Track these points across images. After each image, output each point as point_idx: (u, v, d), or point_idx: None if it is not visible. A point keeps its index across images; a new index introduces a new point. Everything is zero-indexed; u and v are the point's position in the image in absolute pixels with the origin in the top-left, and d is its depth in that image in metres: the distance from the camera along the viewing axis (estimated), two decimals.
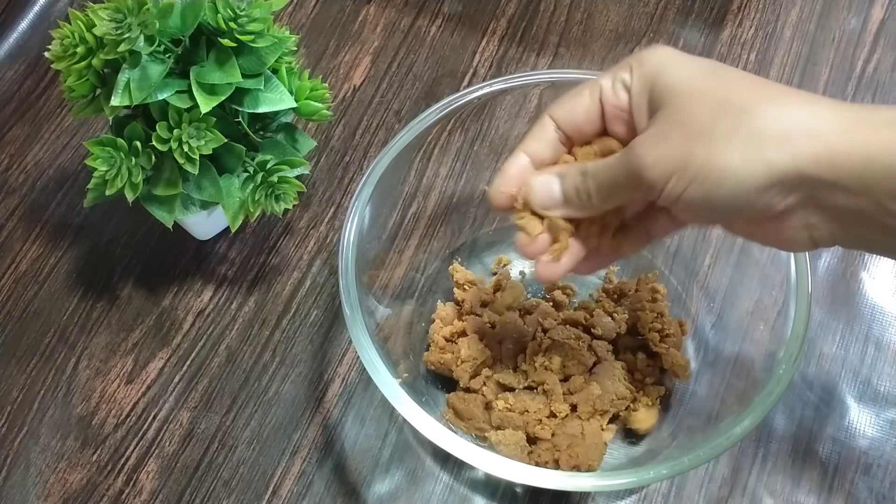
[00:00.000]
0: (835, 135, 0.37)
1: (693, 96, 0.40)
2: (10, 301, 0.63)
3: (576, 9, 0.75)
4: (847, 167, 0.36)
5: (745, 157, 0.37)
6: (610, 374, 0.56)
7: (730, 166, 0.38)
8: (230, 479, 0.57)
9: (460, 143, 0.63)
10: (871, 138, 0.36)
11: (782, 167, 0.37)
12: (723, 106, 0.39)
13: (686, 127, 0.39)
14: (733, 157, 0.37)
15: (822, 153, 0.37)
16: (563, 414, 0.55)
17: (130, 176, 0.53)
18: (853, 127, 0.37)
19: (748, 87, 0.39)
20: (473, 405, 0.55)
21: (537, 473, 0.47)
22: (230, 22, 0.51)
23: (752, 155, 0.37)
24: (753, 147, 0.37)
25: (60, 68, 0.51)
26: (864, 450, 0.57)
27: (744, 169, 0.37)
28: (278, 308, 0.63)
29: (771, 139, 0.37)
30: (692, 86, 0.40)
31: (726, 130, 0.38)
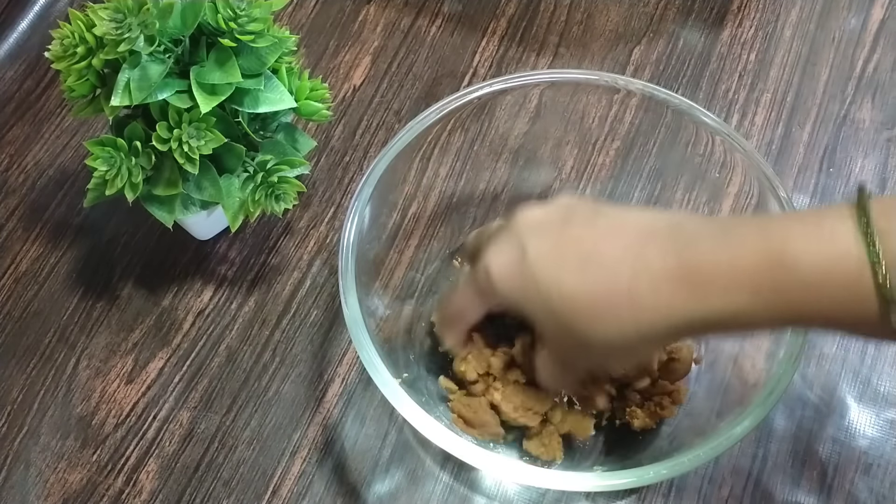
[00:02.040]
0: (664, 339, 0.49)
1: (557, 336, 0.47)
2: (10, 301, 0.63)
3: (576, 9, 0.75)
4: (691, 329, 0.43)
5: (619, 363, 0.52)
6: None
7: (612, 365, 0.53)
8: (230, 479, 0.57)
9: (460, 143, 0.63)
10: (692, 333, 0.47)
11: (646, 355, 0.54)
12: (583, 348, 0.46)
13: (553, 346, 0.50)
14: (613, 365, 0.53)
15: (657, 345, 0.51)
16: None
17: (130, 176, 0.53)
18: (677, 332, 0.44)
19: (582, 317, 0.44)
20: (482, 411, 0.55)
21: (537, 473, 0.47)
22: (230, 22, 0.51)
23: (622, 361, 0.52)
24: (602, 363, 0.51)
25: (60, 68, 0.51)
26: (864, 450, 0.57)
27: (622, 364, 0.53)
28: (278, 308, 0.63)
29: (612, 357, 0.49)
30: (552, 330, 0.47)
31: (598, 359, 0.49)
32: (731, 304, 0.40)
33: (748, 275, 0.39)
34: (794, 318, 0.40)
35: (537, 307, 0.45)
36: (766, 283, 0.39)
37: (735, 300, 0.39)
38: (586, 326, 0.43)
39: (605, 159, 0.66)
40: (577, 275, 0.43)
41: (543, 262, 0.45)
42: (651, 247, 0.42)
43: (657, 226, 0.43)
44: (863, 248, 0.36)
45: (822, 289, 0.38)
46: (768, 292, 0.39)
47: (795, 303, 0.38)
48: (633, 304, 0.42)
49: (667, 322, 0.41)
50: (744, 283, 0.39)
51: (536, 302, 0.45)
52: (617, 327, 0.43)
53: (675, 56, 0.72)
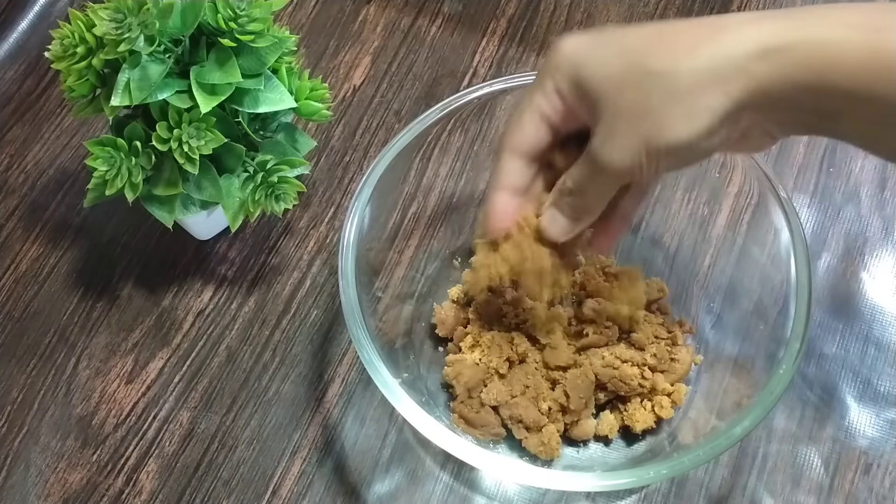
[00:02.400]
0: (761, 58, 0.39)
1: (618, 85, 0.42)
2: (10, 301, 0.63)
3: (576, 9, 0.75)
4: (776, 91, 0.39)
5: (688, 116, 0.40)
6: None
7: (681, 131, 0.41)
8: (230, 479, 0.57)
9: (460, 143, 0.63)
10: (795, 54, 0.39)
11: (721, 109, 0.40)
12: (647, 81, 0.41)
13: (626, 115, 0.42)
14: (679, 122, 0.41)
15: (753, 80, 0.39)
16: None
17: (130, 176, 0.53)
18: (777, 45, 0.39)
19: (657, 47, 0.42)
20: (484, 411, 0.55)
21: (537, 473, 0.47)
22: (230, 22, 0.51)
23: (690, 114, 0.40)
24: (688, 106, 0.40)
25: (60, 68, 0.51)
26: (864, 450, 0.57)
27: (692, 126, 0.40)
28: (278, 308, 0.63)
29: (700, 91, 0.40)
30: (612, 74, 0.42)
31: (661, 103, 0.41)
32: (827, 32, 0.38)
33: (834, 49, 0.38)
34: (885, 82, 0.38)
35: (608, 60, 0.42)
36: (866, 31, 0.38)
37: (830, 32, 0.38)
38: (670, 56, 0.41)
39: None
40: (658, 24, 0.43)
41: (621, 28, 0.43)
42: (734, 20, 0.41)
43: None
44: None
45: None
46: (870, 35, 0.38)
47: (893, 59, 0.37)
48: (721, 25, 0.41)
49: (753, 43, 0.39)
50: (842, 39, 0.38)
51: (608, 53, 0.42)
52: (691, 52, 0.40)
53: None
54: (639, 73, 0.41)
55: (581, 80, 0.43)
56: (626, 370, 0.55)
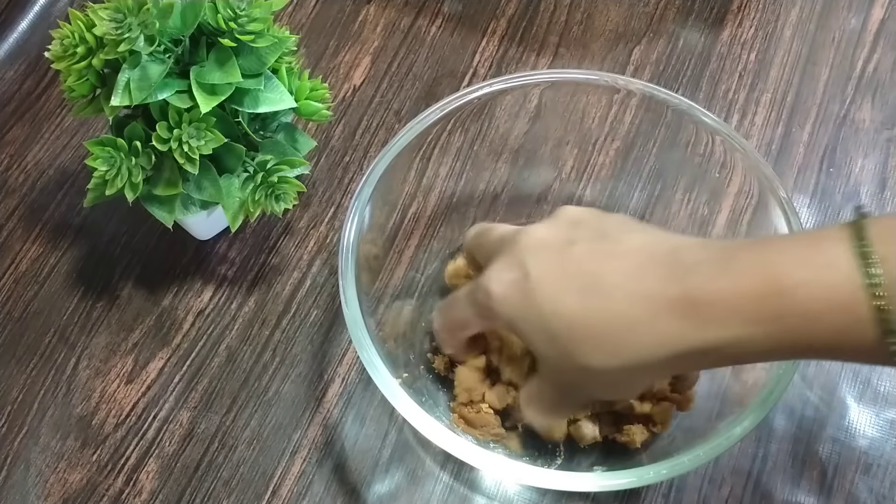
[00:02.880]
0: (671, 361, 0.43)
1: (556, 364, 0.45)
2: (10, 301, 0.63)
3: (576, 9, 0.75)
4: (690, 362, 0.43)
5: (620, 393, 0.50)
6: None
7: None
8: (230, 479, 0.57)
9: (460, 143, 0.63)
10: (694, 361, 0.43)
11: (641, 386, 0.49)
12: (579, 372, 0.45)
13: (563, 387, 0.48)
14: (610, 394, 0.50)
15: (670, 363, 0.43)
16: None
17: (130, 176, 0.53)
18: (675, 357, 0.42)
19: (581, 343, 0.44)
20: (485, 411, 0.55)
21: (537, 473, 0.47)
22: (230, 22, 0.51)
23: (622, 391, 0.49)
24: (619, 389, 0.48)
25: (60, 68, 0.51)
26: (864, 450, 0.57)
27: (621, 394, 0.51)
28: (278, 308, 0.63)
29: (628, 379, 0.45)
30: (546, 354, 0.45)
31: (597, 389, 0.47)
32: (730, 334, 0.39)
33: (748, 303, 0.39)
34: (795, 347, 0.39)
35: (536, 331, 0.45)
36: (766, 311, 0.38)
37: (735, 330, 0.39)
38: (586, 352, 0.43)
39: (605, 159, 0.66)
40: (577, 300, 0.43)
41: (545, 285, 0.44)
42: (651, 273, 0.42)
43: (658, 250, 0.43)
44: (860, 274, 0.36)
45: (822, 316, 0.37)
46: (768, 322, 0.38)
47: (795, 331, 0.38)
48: (633, 331, 0.42)
49: (666, 350, 0.41)
50: (744, 313, 0.39)
51: (536, 325, 0.44)
52: (616, 354, 0.42)
53: (675, 56, 0.72)
54: (572, 362, 0.44)
55: (516, 331, 0.47)
56: None
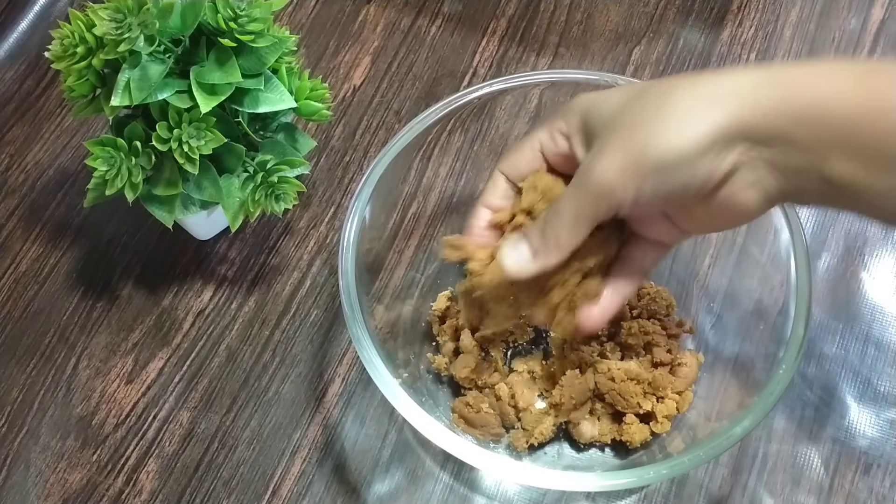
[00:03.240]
0: (756, 86, 0.39)
1: (620, 112, 0.42)
2: (10, 301, 0.63)
3: (576, 9, 0.75)
4: (773, 112, 0.39)
5: (678, 127, 0.40)
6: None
7: (668, 140, 0.40)
8: (230, 479, 0.57)
9: (460, 143, 0.63)
10: (789, 84, 0.39)
11: (713, 123, 0.39)
12: (645, 101, 0.41)
13: (620, 132, 0.41)
14: (668, 131, 0.40)
15: (747, 103, 0.39)
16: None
17: (130, 176, 0.53)
18: (772, 79, 0.39)
19: (665, 81, 0.42)
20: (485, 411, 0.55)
21: (537, 473, 0.47)
22: (230, 22, 0.51)
23: (682, 122, 0.40)
24: (681, 115, 0.40)
25: (60, 68, 0.51)
26: (864, 450, 0.57)
27: (680, 137, 0.39)
28: (278, 308, 0.63)
29: (696, 104, 0.40)
30: (617, 107, 0.43)
31: (653, 114, 0.40)
32: (820, 70, 0.39)
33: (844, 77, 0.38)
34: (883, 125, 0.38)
35: (616, 96, 0.43)
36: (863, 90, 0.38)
37: (825, 71, 0.38)
38: (672, 80, 0.41)
39: None
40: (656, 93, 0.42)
41: (621, 90, 0.43)
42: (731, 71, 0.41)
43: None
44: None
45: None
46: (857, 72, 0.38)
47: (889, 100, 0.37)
48: (717, 71, 0.41)
49: (755, 75, 0.40)
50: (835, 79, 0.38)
51: (617, 92, 0.43)
52: (702, 76, 0.40)
53: (675, 56, 0.72)
54: (638, 97, 0.42)
55: (589, 118, 0.44)
56: (627, 387, 0.54)
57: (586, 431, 0.55)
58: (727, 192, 0.41)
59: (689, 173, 0.40)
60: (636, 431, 0.55)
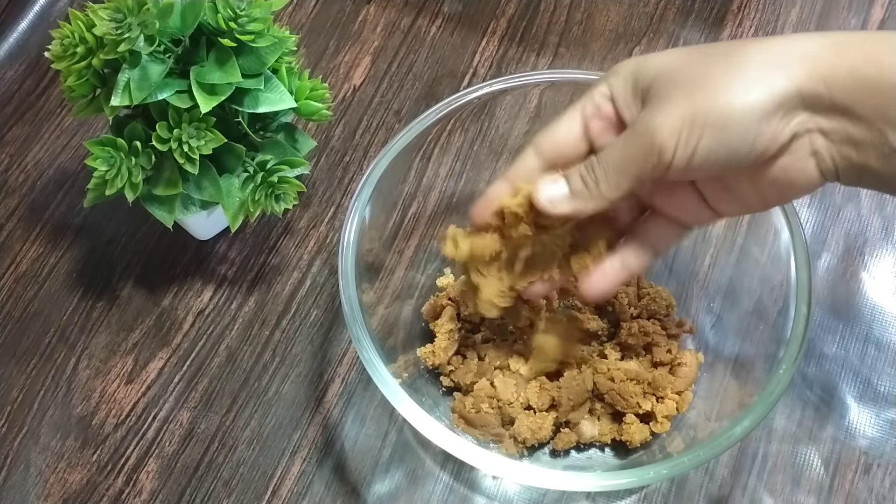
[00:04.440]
0: (822, 53, 0.38)
1: (679, 67, 0.41)
2: (10, 301, 0.63)
3: (576, 9, 0.75)
4: (837, 82, 0.38)
5: (745, 87, 0.38)
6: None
7: (733, 99, 0.38)
8: (230, 479, 0.57)
9: (460, 143, 0.63)
10: (854, 54, 0.38)
11: (780, 88, 0.38)
12: (709, 59, 0.40)
13: (682, 88, 0.40)
14: (734, 91, 0.39)
15: (812, 71, 0.38)
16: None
17: (130, 176, 0.53)
18: (838, 47, 0.38)
19: (727, 43, 0.41)
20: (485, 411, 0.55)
21: (537, 473, 0.47)
22: (230, 22, 0.51)
23: (749, 84, 0.39)
24: (749, 77, 0.39)
25: (60, 68, 0.51)
26: (864, 450, 0.57)
27: (746, 98, 0.38)
28: (278, 308, 0.63)
29: (763, 67, 0.39)
30: (674, 62, 0.41)
31: (720, 73, 0.39)
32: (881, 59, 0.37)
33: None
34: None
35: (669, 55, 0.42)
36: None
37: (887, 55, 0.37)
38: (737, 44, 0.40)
39: None
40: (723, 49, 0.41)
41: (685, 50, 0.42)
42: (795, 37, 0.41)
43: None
44: None
45: None
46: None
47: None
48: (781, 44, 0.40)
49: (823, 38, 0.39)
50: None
51: (669, 53, 0.42)
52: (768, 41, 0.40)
53: None
54: (701, 56, 0.40)
55: (640, 76, 0.42)
56: (627, 387, 0.54)
57: (586, 431, 0.55)
58: (784, 163, 0.40)
59: (753, 136, 0.39)
60: (636, 431, 0.55)
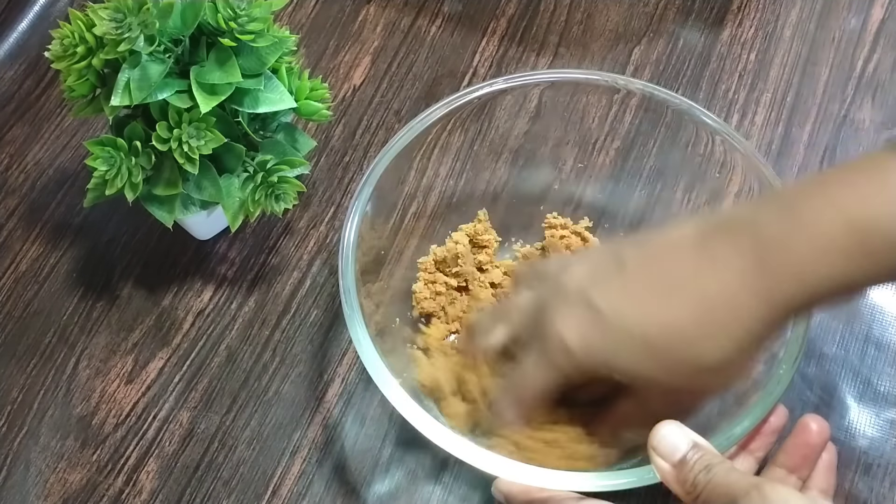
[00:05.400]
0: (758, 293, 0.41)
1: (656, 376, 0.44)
2: (10, 301, 0.63)
3: (576, 9, 0.75)
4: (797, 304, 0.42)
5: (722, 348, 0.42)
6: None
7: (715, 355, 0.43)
8: (230, 479, 0.57)
9: (460, 143, 0.63)
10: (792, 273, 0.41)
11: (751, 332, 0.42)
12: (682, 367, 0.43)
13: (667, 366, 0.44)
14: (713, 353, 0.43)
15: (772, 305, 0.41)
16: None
17: (130, 176, 0.53)
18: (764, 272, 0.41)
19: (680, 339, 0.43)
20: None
21: (537, 473, 0.47)
22: (230, 21, 0.51)
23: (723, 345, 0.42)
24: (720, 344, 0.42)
25: (60, 68, 0.51)
26: (864, 450, 0.57)
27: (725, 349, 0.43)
28: (278, 308, 0.63)
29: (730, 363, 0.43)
30: (646, 372, 0.44)
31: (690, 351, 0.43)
32: (825, 278, 0.40)
33: (834, 247, 0.39)
34: (891, 273, 0.40)
35: (635, 357, 0.43)
36: (855, 248, 0.39)
37: (829, 272, 0.39)
38: (697, 348, 0.42)
39: (605, 159, 0.66)
40: (664, 304, 0.42)
41: (624, 308, 0.43)
42: (720, 251, 0.42)
43: (709, 230, 0.43)
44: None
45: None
46: (859, 257, 0.39)
47: (889, 260, 0.39)
48: (733, 307, 0.41)
49: (769, 310, 0.41)
50: (833, 256, 0.39)
51: (632, 352, 0.43)
52: (726, 336, 0.42)
53: (675, 56, 0.72)
54: (675, 362, 0.43)
55: (611, 369, 0.44)
56: None
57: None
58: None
59: (740, 363, 0.44)
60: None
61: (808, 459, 0.49)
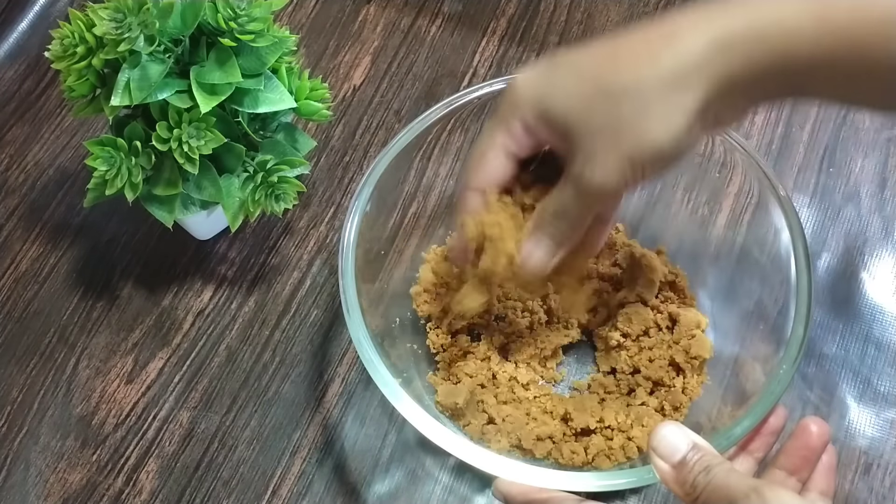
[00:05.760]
0: (714, 57, 0.40)
1: (587, 109, 0.43)
2: (10, 301, 0.63)
3: (576, 9, 0.75)
4: (741, 76, 0.41)
5: (664, 121, 0.41)
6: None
7: (660, 136, 0.41)
8: (230, 479, 0.57)
9: (460, 143, 0.63)
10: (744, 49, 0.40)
11: (692, 105, 0.41)
12: (615, 99, 0.42)
13: (602, 135, 0.42)
14: (656, 129, 0.41)
15: (712, 78, 0.40)
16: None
17: (130, 176, 0.53)
18: (724, 46, 0.40)
19: (616, 65, 0.42)
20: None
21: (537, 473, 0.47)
22: (230, 21, 0.51)
23: (665, 116, 0.41)
24: (660, 113, 0.41)
25: (60, 68, 0.51)
26: (864, 450, 0.57)
27: (670, 129, 0.41)
28: (278, 308, 0.63)
29: (668, 93, 0.41)
30: (577, 101, 0.43)
31: (634, 115, 0.41)
32: (774, 24, 0.39)
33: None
34: (842, 47, 0.39)
35: (569, 87, 0.43)
36: (814, 11, 0.39)
37: (778, 18, 0.39)
38: (631, 70, 0.41)
39: None
40: (607, 41, 0.43)
41: (571, 52, 0.44)
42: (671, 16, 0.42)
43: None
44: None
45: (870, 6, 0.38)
46: (814, 20, 0.39)
47: (841, 39, 0.39)
48: (667, 34, 0.41)
49: (708, 38, 0.40)
50: (787, 8, 0.39)
51: (567, 80, 0.43)
52: (659, 58, 0.41)
53: None
54: (605, 93, 0.42)
55: (546, 111, 0.44)
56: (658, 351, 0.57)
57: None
58: (714, 128, 0.45)
59: (685, 146, 0.42)
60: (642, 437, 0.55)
61: (807, 461, 0.49)
